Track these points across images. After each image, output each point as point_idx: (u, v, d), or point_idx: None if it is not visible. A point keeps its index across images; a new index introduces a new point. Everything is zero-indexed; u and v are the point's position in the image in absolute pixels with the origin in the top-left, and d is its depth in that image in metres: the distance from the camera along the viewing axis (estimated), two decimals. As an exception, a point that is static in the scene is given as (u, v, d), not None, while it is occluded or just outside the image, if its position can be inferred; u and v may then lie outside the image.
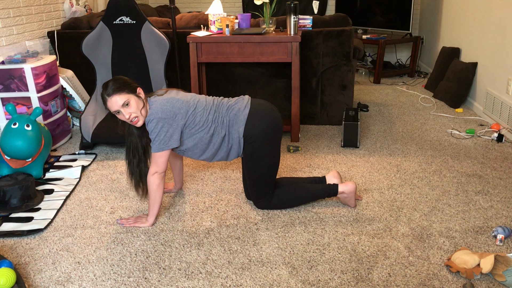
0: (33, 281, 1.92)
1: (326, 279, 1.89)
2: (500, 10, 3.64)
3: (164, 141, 2.18)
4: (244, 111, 2.28)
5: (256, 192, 2.39)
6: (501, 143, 3.31)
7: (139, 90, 2.22)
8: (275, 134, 2.32)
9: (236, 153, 2.35)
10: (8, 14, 3.47)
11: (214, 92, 3.82)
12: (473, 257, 1.89)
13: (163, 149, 2.19)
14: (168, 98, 2.22)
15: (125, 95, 2.14)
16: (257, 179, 2.35)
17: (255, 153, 2.29)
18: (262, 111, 2.30)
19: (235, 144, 2.30)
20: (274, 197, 2.39)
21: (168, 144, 2.19)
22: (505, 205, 2.44)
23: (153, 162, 2.22)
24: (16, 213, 2.44)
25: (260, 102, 2.36)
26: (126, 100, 2.14)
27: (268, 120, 2.28)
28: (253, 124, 2.26)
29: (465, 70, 4.17)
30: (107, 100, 2.15)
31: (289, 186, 2.45)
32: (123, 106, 2.15)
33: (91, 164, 3.09)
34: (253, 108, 2.30)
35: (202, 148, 2.30)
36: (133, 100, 2.16)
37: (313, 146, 3.35)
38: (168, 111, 2.17)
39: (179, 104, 2.20)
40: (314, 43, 3.59)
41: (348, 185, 2.39)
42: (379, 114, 4.08)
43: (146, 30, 3.49)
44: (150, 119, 2.17)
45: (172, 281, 1.90)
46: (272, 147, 2.32)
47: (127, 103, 2.14)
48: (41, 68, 3.19)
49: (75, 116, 3.87)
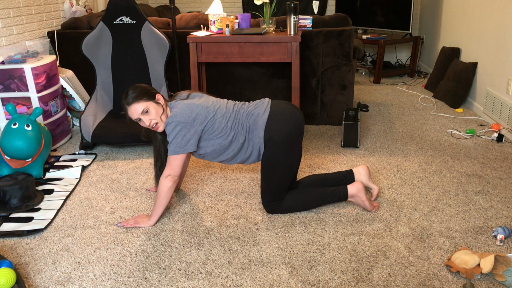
0: (33, 281, 1.92)
1: (326, 279, 1.89)
2: (500, 10, 3.64)
3: (181, 144, 2.19)
4: (263, 116, 2.27)
5: (268, 195, 2.35)
6: (501, 143, 3.31)
7: (158, 96, 2.27)
8: (296, 137, 2.28)
9: (256, 158, 2.34)
10: (8, 14, 3.48)
11: (214, 92, 3.82)
12: (473, 257, 1.89)
13: (179, 152, 2.20)
14: (189, 103, 2.24)
15: (144, 102, 2.22)
16: (273, 183, 2.31)
17: (274, 157, 2.27)
18: (282, 114, 2.28)
19: (255, 149, 2.30)
20: (285, 201, 2.36)
21: (185, 148, 2.20)
22: (505, 205, 2.44)
23: (168, 164, 2.23)
24: (16, 213, 2.44)
25: (280, 105, 2.33)
26: (145, 107, 2.22)
27: (288, 123, 2.26)
28: (273, 128, 2.24)
29: (465, 70, 4.17)
30: (127, 109, 2.24)
31: (300, 190, 2.41)
32: (142, 114, 2.23)
33: (91, 164, 3.09)
34: (272, 112, 2.28)
35: (220, 152, 2.32)
36: (152, 107, 2.23)
37: (313, 146, 3.35)
38: (187, 115, 2.19)
39: (198, 110, 2.22)
40: (314, 43, 3.59)
41: (355, 185, 2.38)
42: (379, 114, 4.08)
43: (146, 30, 3.49)
44: (168, 122, 2.19)
45: (172, 281, 1.90)
46: (291, 151, 2.29)
47: (146, 110, 2.22)
48: (41, 68, 3.19)
49: (75, 116, 3.87)
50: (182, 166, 2.25)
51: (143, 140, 3.22)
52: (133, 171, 2.97)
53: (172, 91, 3.85)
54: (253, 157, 2.34)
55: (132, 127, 3.25)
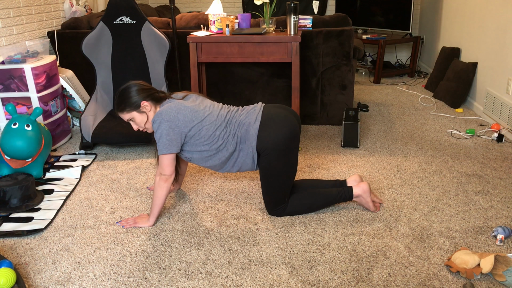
0: (33, 281, 1.92)
1: (326, 279, 1.89)
2: (500, 10, 3.64)
3: (165, 144, 2.18)
4: (255, 125, 2.22)
5: (272, 202, 2.34)
6: (501, 143, 3.31)
7: (143, 103, 2.24)
8: (291, 142, 2.24)
9: (250, 167, 2.31)
10: (8, 14, 3.48)
11: (214, 92, 3.82)
12: (473, 257, 1.89)
13: (165, 152, 2.19)
14: (178, 103, 2.23)
15: (127, 113, 2.28)
16: (273, 190, 2.30)
17: (270, 165, 2.24)
18: (274, 121, 2.23)
19: (248, 158, 2.27)
20: (289, 205, 2.34)
21: (170, 148, 2.19)
22: (505, 205, 2.44)
23: (159, 163, 2.23)
24: (16, 213, 2.44)
25: (272, 111, 2.28)
26: (129, 117, 2.28)
27: (281, 130, 2.21)
28: (265, 137, 2.21)
29: (465, 70, 4.17)
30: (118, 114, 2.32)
31: (304, 192, 2.38)
32: (129, 120, 2.31)
33: (91, 164, 3.09)
34: (263, 120, 2.23)
35: (206, 160, 2.30)
36: (136, 116, 2.27)
37: (313, 146, 3.35)
38: (173, 115, 2.18)
39: (185, 112, 2.21)
40: (314, 43, 3.59)
41: (361, 186, 2.36)
42: (379, 114, 4.08)
43: (146, 30, 3.49)
44: (154, 119, 2.20)
45: (172, 281, 1.90)
46: (288, 157, 2.25)
47: (130, 119, 2.29)
48: (41, 68, 3.19)
49: (75, 116, 3.87)
50: (171, 165, 2.22)
51: (143, 140, 3.22)
52: (133, 171, 2.97)
53: (172, 91, 3.84)
54: (246, 166, 2.30)
55: (132, 127, 3.25)
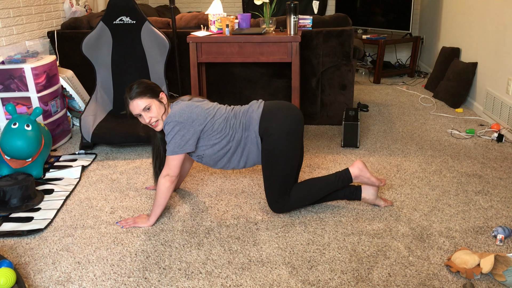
0: (33, 281, 1.92)
1: (326, 279, 1.89)
2: (500, 10, 3.64)
3: (179, 144, 2.19)
4: (258, 110, 2.29)
5: (272, 194, 2.31)
6: (501, 143, 3.31)
7: (162, 95, 2.27)
8: (292, 126, 2.23)
9: (255, 155, 2.30)
10: (8, 14, 3.48)
11: (214, 92, 3.82)
12: (473, 257, 1.89)
13: (177, 152, 2.20)
14: (189, 104, 2.24)
15: (147, 99, 2.21)
16: (275, 176, 2.26)
17: (272, 148, 2.23)
18: (278, 106, 2.30)
19: (253, 145, 2.27)
20: (291, 196, 2.31)
21: (183, 148, 2.20)
22: (505, 205, 2.44)
23: (166, 164, 2.23)
24: (16, 213, 2.44)
25: (276, 102, 2.36)
26: (148, 104, 2.21)
27: (282, 113, 2.25)
28: (267, 120, 2.24)
29: (465, 70, 4.17)
30: (129, 103, 2.22)
31: (303, 182, 2.35)
32: (144, 110, 2.22)
33: (91, 164, 3.09)
34: (266, 106, 2.31)
35: (217, 154, 2.30)
36: (155, 104, 2.22)
37: (313, 146, 3.35)
38: (186, 116, 2.19)
39: (198, 110, 2.22)
40: (314, 43, 3.59)
41: (355, 165, 2.32)
42: (379, 114, 4.08)
43: (146, 30, 3.49)
44: (167, 121, 2.19)
45: (172, 281, 1.90)
46: (290, 142, 2.23)
47: (148, 107, 2.21)
48: (41, 68, 3.19)
49: (75, 116, 3.87)
50: (180, 166, 2.24)
51: (143, 140, 3.22)
52: (133, 171, 2.97)
53: (172, 91, 3.85)
54: (252, 154, 2.30)
55: (132, 127, 3.25)
